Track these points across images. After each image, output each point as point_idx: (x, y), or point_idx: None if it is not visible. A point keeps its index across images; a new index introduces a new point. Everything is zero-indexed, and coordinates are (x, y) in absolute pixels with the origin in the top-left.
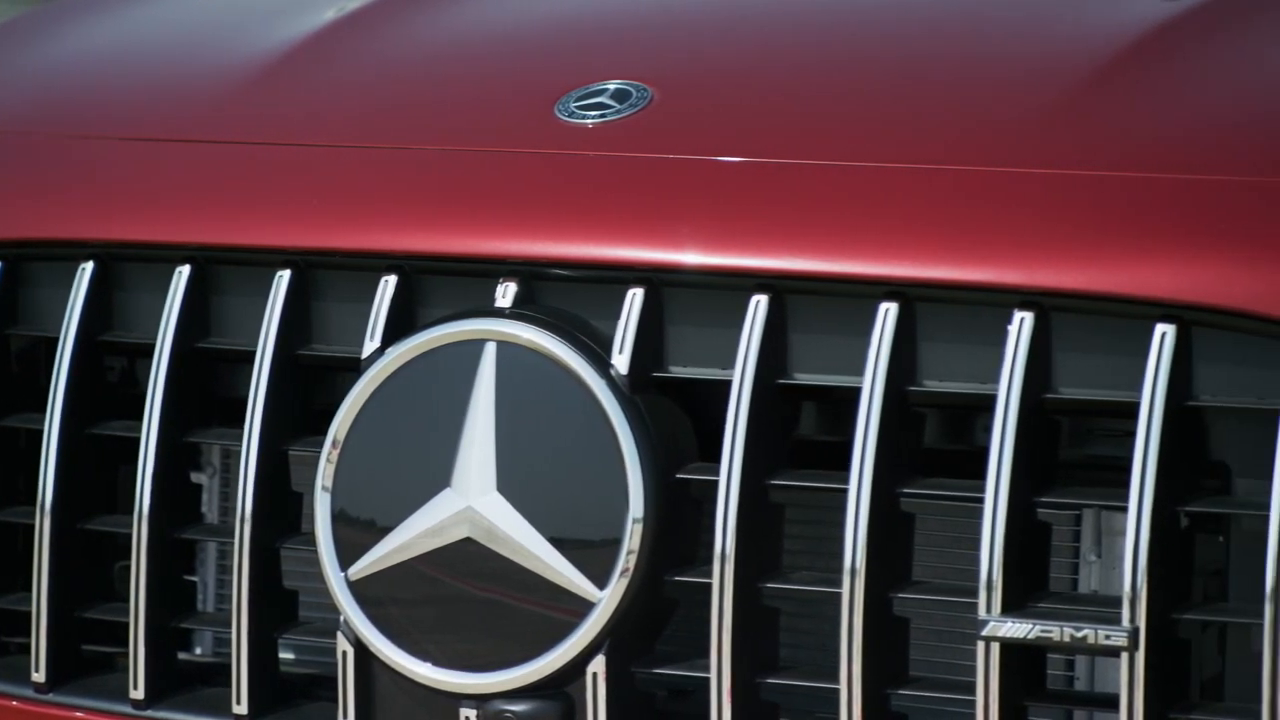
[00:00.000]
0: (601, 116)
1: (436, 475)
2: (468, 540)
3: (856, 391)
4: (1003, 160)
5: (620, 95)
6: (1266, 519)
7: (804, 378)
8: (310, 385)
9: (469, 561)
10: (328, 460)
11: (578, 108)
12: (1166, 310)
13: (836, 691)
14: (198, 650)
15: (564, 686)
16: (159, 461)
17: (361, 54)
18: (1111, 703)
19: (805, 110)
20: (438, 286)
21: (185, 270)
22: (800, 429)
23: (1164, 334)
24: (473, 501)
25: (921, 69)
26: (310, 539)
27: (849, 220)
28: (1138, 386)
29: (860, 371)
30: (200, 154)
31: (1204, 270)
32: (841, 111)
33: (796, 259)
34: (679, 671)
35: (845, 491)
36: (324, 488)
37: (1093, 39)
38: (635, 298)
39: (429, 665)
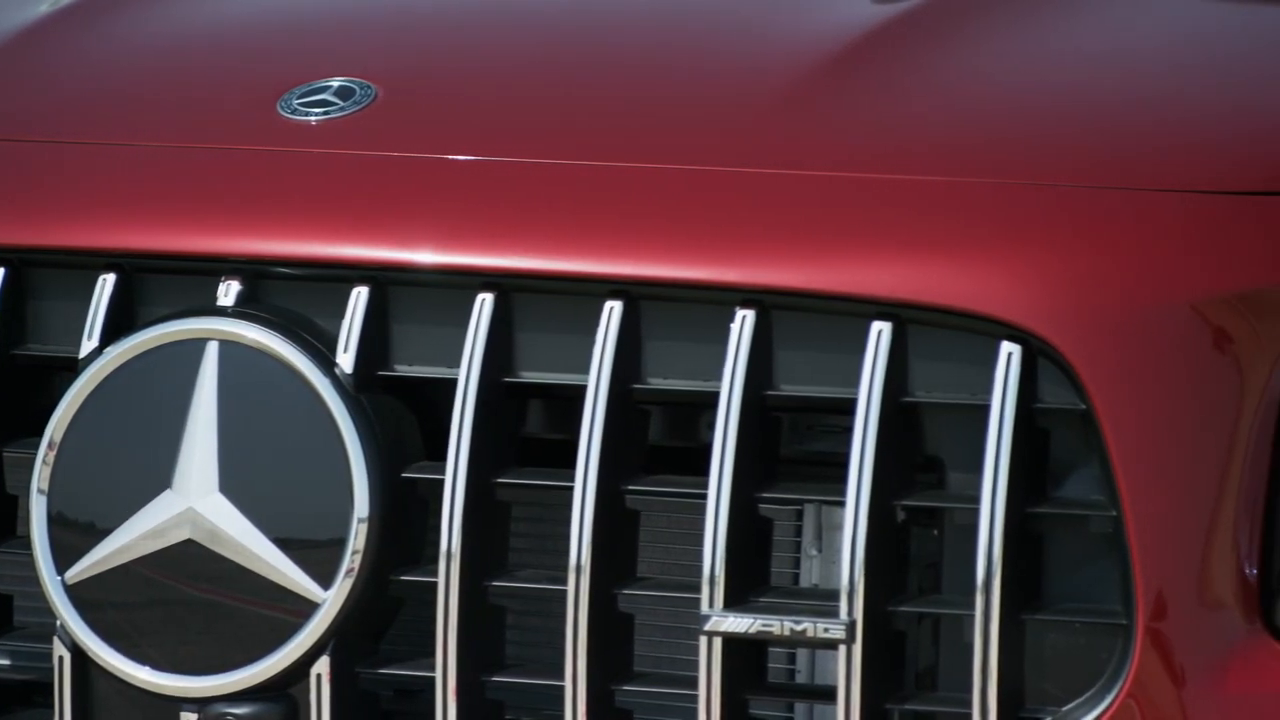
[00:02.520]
0: (325, 114)
1: (157, 477)
2: (189, 542)
3: (583, 389)
4: (726, 160)
5: (344, 93)
6: (977, 512)
7: (530, 376)
8: (27, 386)
9: (191, 563)
10: (44, 462)
11: (301, 105)
12: (882, 308)
13: (562, 688)
14: None
15: (287, 688)
16: None
17: (78, 48)
18: (831, 694)
19: (531, 109)
20: (159, 285)
21: None
22: (528, 427)
23: (880, 331)
24: (194, 503)
25: (647, 69)
26: (26, 542)
27: (574, 219)
28: (856, 383)
29: (586, 369)
30: None
31: (919, 269)
32: (568, 110)
33: (521, 257)
34: (404, 671)
35: (571, 489)
36: (40, 490)
37: (814, 40)
38: (360, 296)
39: (148, 669)
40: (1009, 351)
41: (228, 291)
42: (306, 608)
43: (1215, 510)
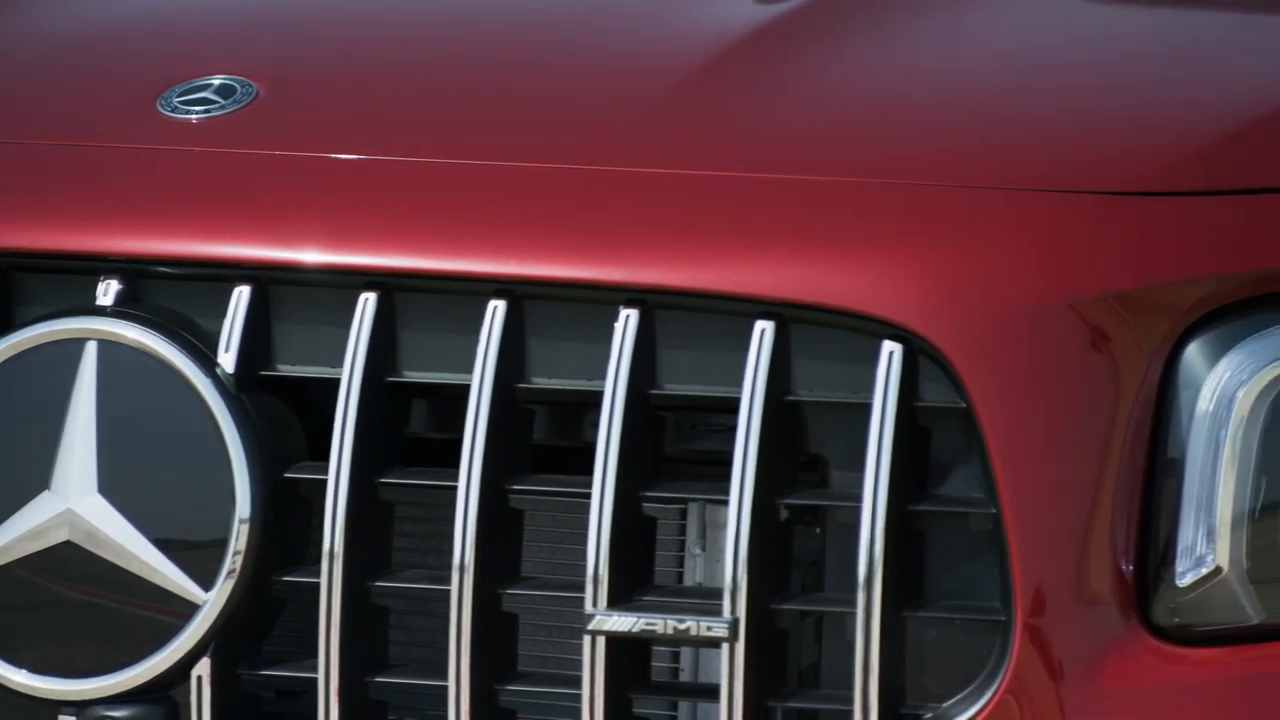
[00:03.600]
0: (206, 112)
1: (35, 478)
2: (68, 544)
3: (467, 389)
4: (610, 159)
5: (225, 91)
6: (859, 510)
7: (414, 375)
8: None
9: (70, 565)
10: None
11: (181, 103)
12: (765, 307)
13: (445, 688)
14: None
15: (168, 690)
16: None
17: None
18: (714, 693)
19: (414, 108)
20: (37, 284)
21: None
22: (412, 426)
23: (763, 330)
24: (73, 504)
25: (531, 69)
26: None
27: (457, 218)
28: (739, 382)
29: (470, 369)
30: None
31: (801, 268)
32: (452, 109)
33: (404, 257)
34: (286, 672)
35: (454, 488)
36: None
37: (698, 40)
38: (241, 296)
39: (25, 672)
40: (890, 350)
41: (107, 291)
42: (187, 609)
43: (1092, 507)
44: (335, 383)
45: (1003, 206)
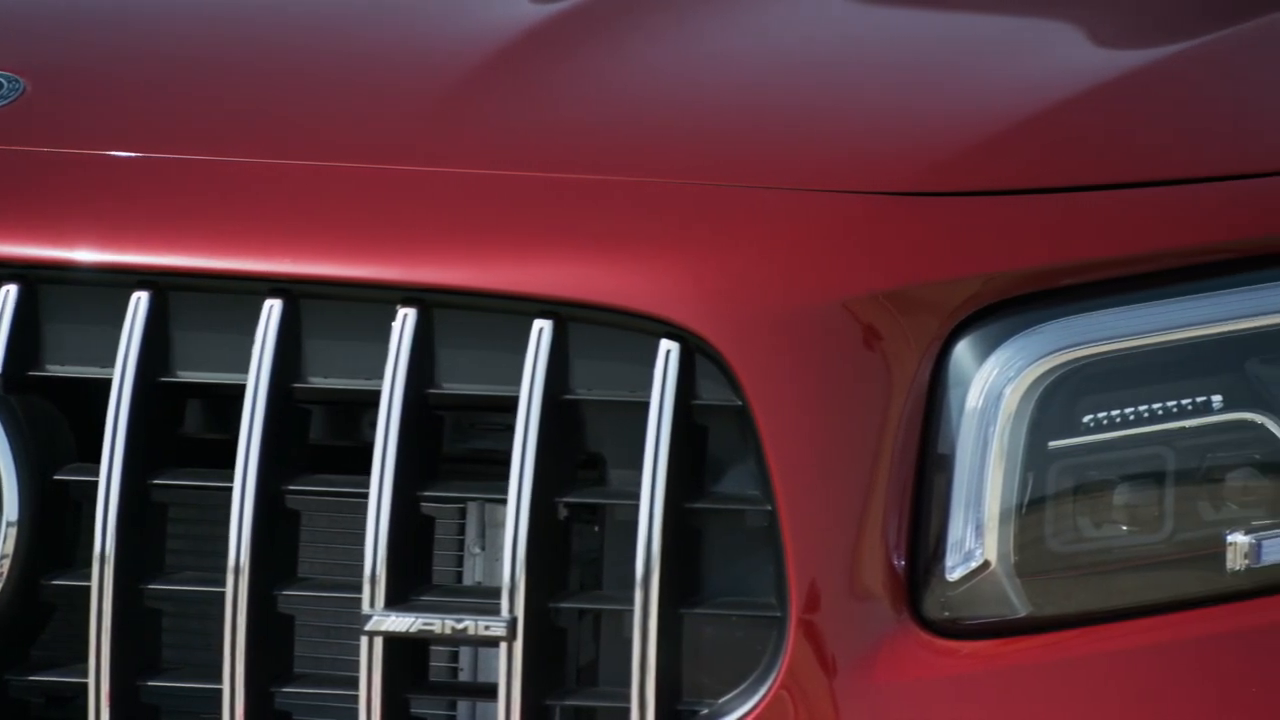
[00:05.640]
0: None
1: None
2: None
3: (243, 388)
4: (386, 157)
5: None
6: (637, 508)
7: (188, 375)
8: None
9: None
10: None
11: None
12: (543, 306)
13: (220, 691)
14: None
15: None
16: None
17: None
18: (492, 692)
19: (189, 106)
20: None
21: None
22: (188, 427)
23: (541, 330)
24: None
25: (308, 67)
26: None
27: (232, 216)
28: (518, 381)
29: (246, 368)
30: None
31: (578, 267)
32: (227, 108)
33: (178, 255)
34: (56, 678)
35: (230, 489)
36: None
37: (475, 39)
38: (9, 295)
39: None
40: (667, 349)
41: None
42: None
43: (866, 503)
44: (107, 383)
45: (777, 206)
